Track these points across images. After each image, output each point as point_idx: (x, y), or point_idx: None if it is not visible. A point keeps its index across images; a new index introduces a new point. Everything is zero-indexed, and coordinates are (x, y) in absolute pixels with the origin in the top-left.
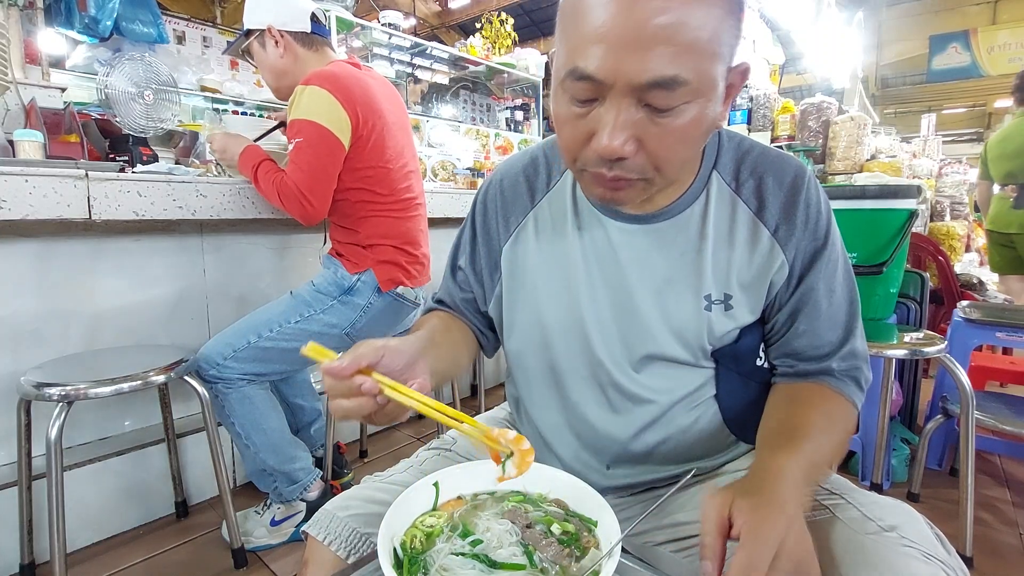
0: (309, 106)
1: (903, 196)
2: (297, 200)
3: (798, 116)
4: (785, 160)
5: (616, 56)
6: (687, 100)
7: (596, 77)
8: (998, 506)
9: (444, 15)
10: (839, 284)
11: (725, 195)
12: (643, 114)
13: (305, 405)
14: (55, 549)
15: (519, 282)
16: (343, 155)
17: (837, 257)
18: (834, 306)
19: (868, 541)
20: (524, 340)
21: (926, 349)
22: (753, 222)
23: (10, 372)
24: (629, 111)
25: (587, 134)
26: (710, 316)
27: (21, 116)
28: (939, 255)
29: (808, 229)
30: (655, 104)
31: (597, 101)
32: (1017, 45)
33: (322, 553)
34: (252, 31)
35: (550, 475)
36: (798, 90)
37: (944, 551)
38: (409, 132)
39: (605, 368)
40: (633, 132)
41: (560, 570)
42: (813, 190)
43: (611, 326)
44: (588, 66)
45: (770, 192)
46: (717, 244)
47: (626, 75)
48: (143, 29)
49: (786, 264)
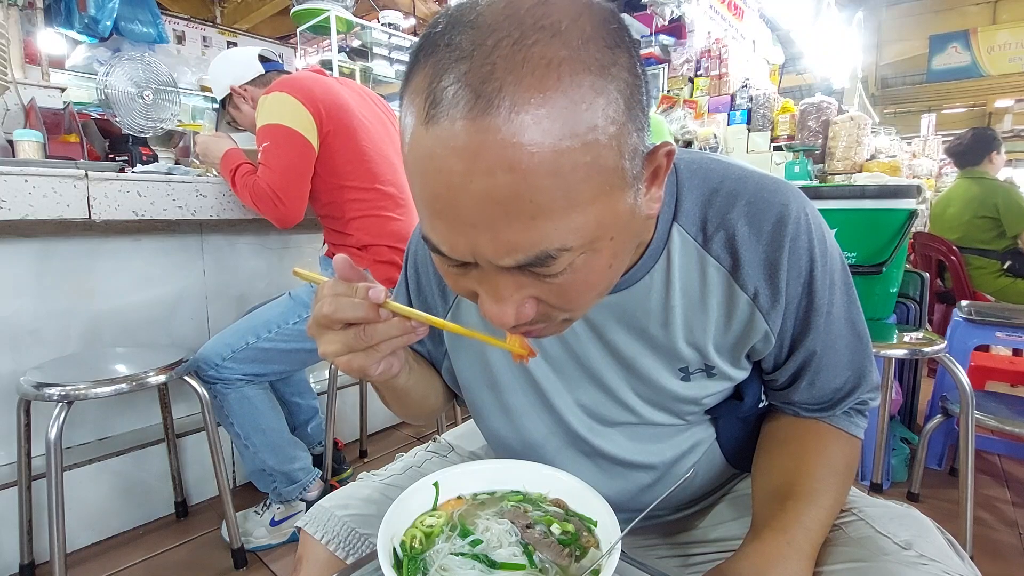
0: (272, 111)
1: (903, 196)
2: (270, 201)
3: (798, 116)
4: (763, 198)
5: (466, 238)
6: (575, 259)
7: (451, 257)
8: (998, 506)
9: None
10: (842, 334)
11: (691, 252)
12: (528, 277)
13: (302, 403)
14: (55, 549)
15: (467, 363)
16: (312, 154)
17: (837, 306)
18: (839, 357)
19: (887, 563)
20: (494, 424)
21: (926, 349)
22: (728, 284)
23: (10, 372)
24: (510, 279)
25: (472, 293)
26: (691, 385)
27: (21, 116)
28: (951, 255)
29: (797, 287)
30: (538, 272)
31: (470, 264)
32: (1017, 45)
33: (317, 550)
34: (224, 101)
35: (550, 475)
36: (798, 90)
37: (960, 561)
38: (391, 130)
39: (586, 441)
40: (523, 295)
41: (560, 570)
42: (803, 235)
43: (581, 401)
44: (439, 245)
45: (745, 247)
46: (688, 311)
47: (485, 258)
48: (143, 29)
49: (771, 335)
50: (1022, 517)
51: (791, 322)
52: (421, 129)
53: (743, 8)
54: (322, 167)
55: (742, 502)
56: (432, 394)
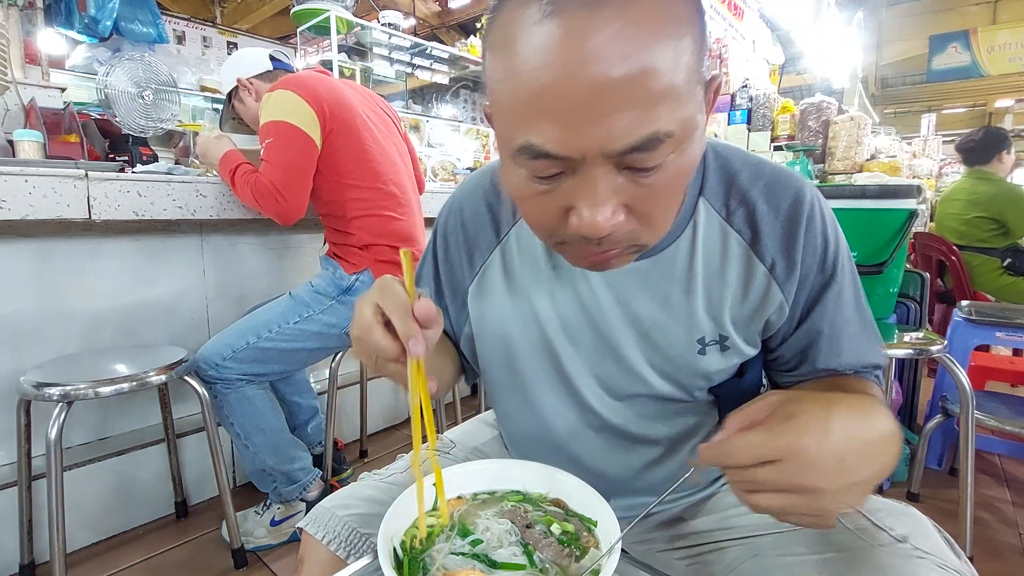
0: (276, 108)
1: (903, 196)
2: (272, 197)
3: (798, 116)
4: (781, 181)
5: (577, 127)
6: (671, 151)
7: (559, 155)
8: (998, 506)
9: (444, 15)
10: (851, 319)
11: (715, 225)
12: (624, 178)
13: (302, 403)
14: (55, 549)
15: (491, 332)
16: (315, 152)
17: (847, 286)
18: (847, 340)
19: (882, 553)
20: (504, 386)
21: (926, 349)
22: (747, 255)
23: (10, 372)
24: (608, 179)
25: (560, 210)
26: (705, 359)
27: (21, 116)
28: (952, 254)
29: (812, 263)
30: (637, 166)
31: (564, 174)
32: (1017, 45)
33: (318, 551)
34: (230, 94)
35: (550, 475)
36: (798, 90)
37: (955, 558)
38: (394, 131)
39: (596, 413)
40: (618, 201)
41: (560, 570)
42: (817, 215)
43: (596, 372)
44: (545, 144)
45: (765, 221)
46: (709, 281)
47: (596, 146)
48: (143, 29)
49: (786, 305)
50: (1022, 517)
51: (804, 294)
52: (536, 27)
53: (743, 8)
54: (324, 165)
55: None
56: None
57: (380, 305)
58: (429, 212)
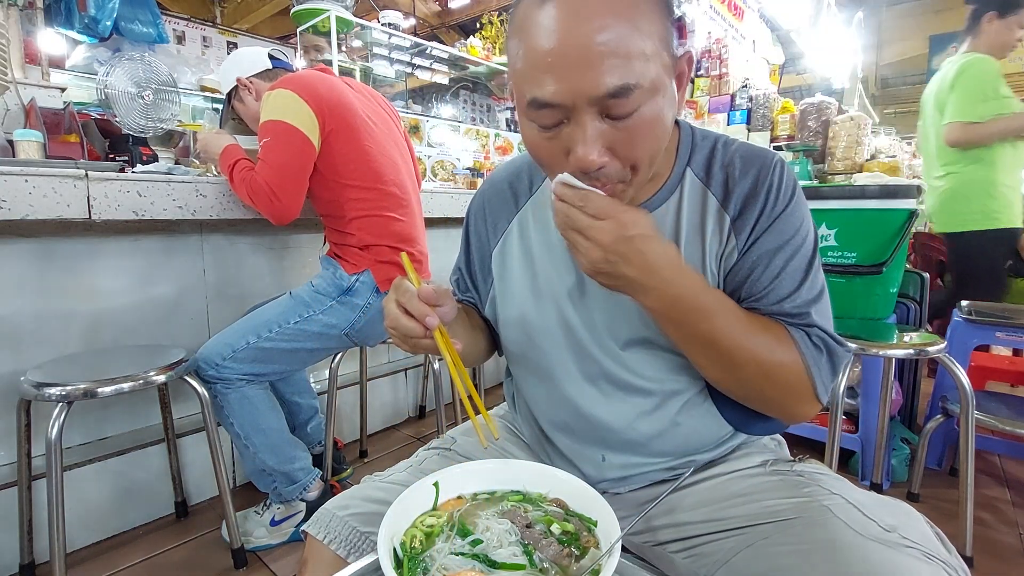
0: (275, 107)
1: (903, 196)
2: (266, 197)
3: (798, 116)
4: (755, 153)
5: (569, 79)
6: (642, 102)
7: (556, 102)
8: (998, 506)
9: (444, 15)
10: (783, 267)
11: (696, 189)
12: (607, 125)
13: (302, 402)
14: (55, 549)
15: (507, 283)
16: (312, 152)
17: (791, 244)
18: (767, 279)
19: (869, 542)
20: (514, 338)
21: (925, 349)
22: (719, 212)
23: (10, 372)
24: (594, 124)
25: (562, 152)
26: None
27: (21, 116)
28: None
29: (764, 212)
30: (615, 113)
31: (563, 123)
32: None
33: (321, 552)
34: (230, 94)
35: (550, 475)
36: (798, 90)
37: (945, 551)
38: (395, 131)
39: (593, 358)
40: (603, 142)
41: (560, 570)
42: (777, 176)
43: (596, 316)
44: (546, 94)
45: (735, 183)
46: (690, 236)
47: (583, 92)
48: (143, 29)
49: (736, 249)
50: (1022, 517)
51: (752, 239)
52: (540, 9)
53: (743, 8)
54: (324, 166)
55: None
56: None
57: (398, 299)
58: (429, 212)
